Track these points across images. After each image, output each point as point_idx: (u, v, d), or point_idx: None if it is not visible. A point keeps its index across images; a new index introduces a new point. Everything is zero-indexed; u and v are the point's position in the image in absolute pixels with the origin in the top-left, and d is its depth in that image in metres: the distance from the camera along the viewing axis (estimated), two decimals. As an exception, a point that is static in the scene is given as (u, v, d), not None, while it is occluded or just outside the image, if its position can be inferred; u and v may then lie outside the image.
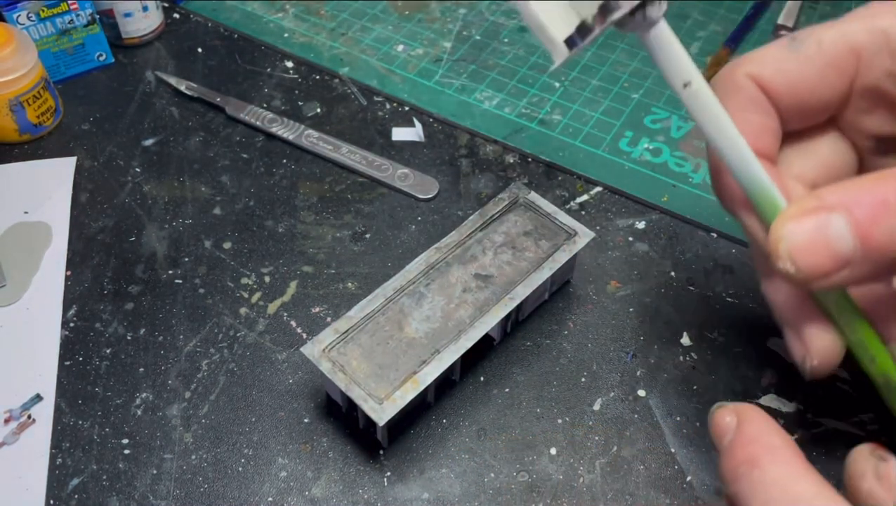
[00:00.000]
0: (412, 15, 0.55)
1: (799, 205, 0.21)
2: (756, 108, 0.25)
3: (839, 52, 0.24)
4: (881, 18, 0.24)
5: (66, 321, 0.38)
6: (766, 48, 0.25)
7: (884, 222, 0.20)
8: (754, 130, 0.25)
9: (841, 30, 0.24)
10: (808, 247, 0.20)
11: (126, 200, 0.44)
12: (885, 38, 0.23)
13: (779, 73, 0.24)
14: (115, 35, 0.51)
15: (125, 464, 0.33)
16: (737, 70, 0.25)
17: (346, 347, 0.33)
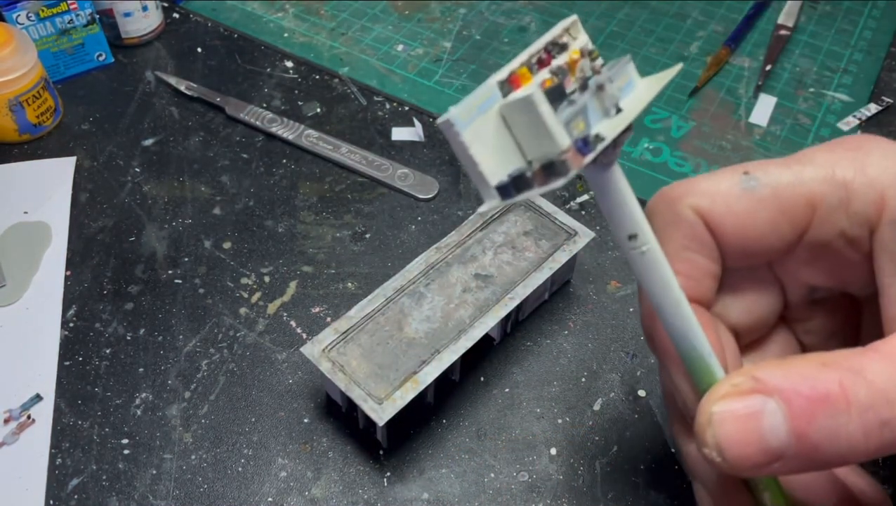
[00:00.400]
0: (412, 15, 0.55)
1: (734, 384, 0.19)
2: (700, 247, 0.23)
3: (795, 202, 0.22)
4: (842, 167, 0.21)
5: (65, 321, 0.38)
6: (716, 178, 0.23)
7: (822, 422, 0.18)
8: (696, 274, 0.23)
9: (799, 175, 0.22)
10: (738, 438, 0.18)
11: (126, 200, 0.44)
12: (845, 193, 0.21)
13: (729, 212, 0.22)
14: (114, 35, 0.51)
15: (125, 464, 0.33)
16: (682, 200, 0.23)
17: (345, 347, 0.33)
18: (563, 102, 0.18)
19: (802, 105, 0.49)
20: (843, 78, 0.50)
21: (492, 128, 0.17)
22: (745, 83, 0.50)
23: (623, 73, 0.19)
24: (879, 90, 0.50)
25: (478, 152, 0.17)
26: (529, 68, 0.18)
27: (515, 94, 0.18)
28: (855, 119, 0.48)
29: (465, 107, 0.17)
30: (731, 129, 0.47)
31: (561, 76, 0.18)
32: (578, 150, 0.17)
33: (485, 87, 0.17)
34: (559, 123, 0.17)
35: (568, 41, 0.19)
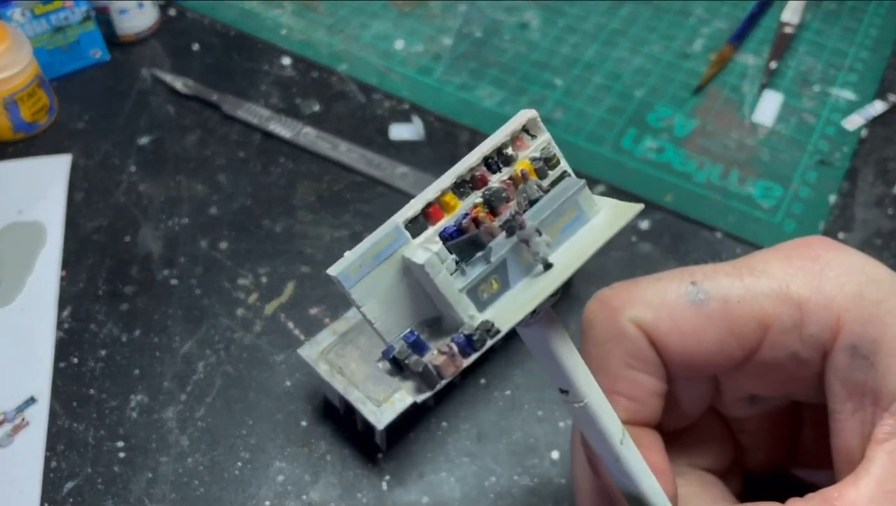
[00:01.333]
0: (412, 11, 0.55)
1: None
2: (644, 365, 0.21)
3: (746, 321, 0.20)
4: (798, 283, 0.20)
5: (60, 322, 0.37)
6: (661, 286, 0.21)
7: None
8: (640, 395, 0.21)
9: (752, 289, 0.20)
10: None
11: (121, 200, 0.43)
12: (800, 314, 0.19)
13: (674, 329, 0.20)
14: (110, 32, 0.51)
15: (120, 467, 0.32)
16: (624, 312, 0.21)
17: (344, 348, 0.32)
18: (475, 255, 0.15)
19: (807, 103, 0.48)
20: (849, 76, 0.50)
21: (389, 280, 0.15)
22: (750, 81, 0.50)
23: (569, 208, 0.16)
24: (885, 88, 0.49)
25: (370, 310, 0.15)
26: (459, 190, 0.15)
27: (414, 251, 0.15)
28: (860, 118, 0.47)
29: (360, 257, 0.15)
30: (735, 127, 0.47)
31: (497, 201, 0.15)
32: (460, 348, 0.15)
33: (385, 230, 0.15)
34: (459, 294, 0.15)
35: (519, 144, 0.16)
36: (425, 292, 0.16)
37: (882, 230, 0.42)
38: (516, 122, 0.16)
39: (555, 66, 0.51)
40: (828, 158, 0.45)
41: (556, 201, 0.16)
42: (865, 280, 0.19)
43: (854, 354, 0.19)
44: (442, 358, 0.15)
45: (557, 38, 0.53)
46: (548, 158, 0.16)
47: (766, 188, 0.43)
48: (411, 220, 0.15)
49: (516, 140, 0.16)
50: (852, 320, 0.19)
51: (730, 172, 0.44)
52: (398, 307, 0.16)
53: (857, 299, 0.19)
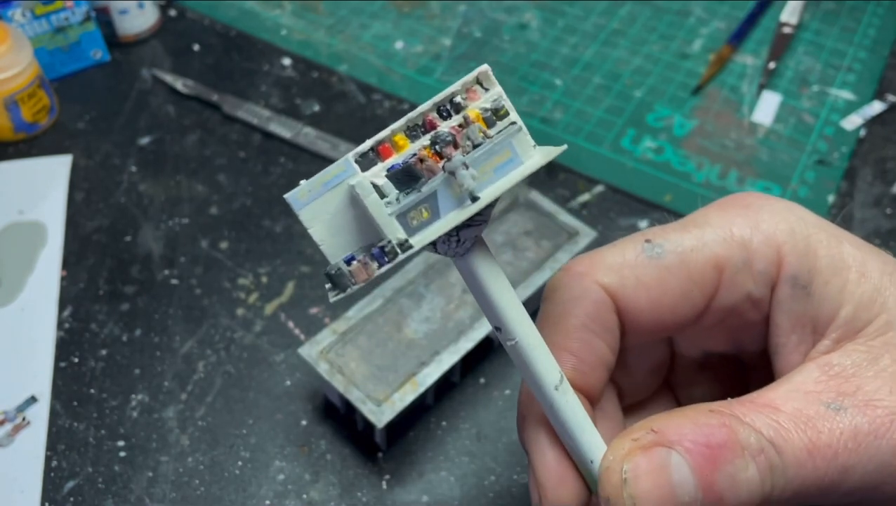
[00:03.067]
0: (411, 12, 0.55)
1: (635, 439, 0.18)
2: (601, 330, 0.21)
3: (703, 266, 0.21)
4: (738, 226, 0.21)
5: (61, 322, 0.37)
6: (620, 249, 0.22)
7: (724, 469, 0.17)
8: (589, 359, 0.21)
9: (701, 238, 0.21)
10: (655, 494, 0.17)
11: (122, 200, 0.43)
12: (747, 254, 0.21)
13: (639, 285, 0.21)
14: (110, 32, 0.51)
15: (121, 466, 0.32)
16: (589, 276, 0.21)
17: (344, 348, 0.32)
18: (413, 187, 0.16)
19: (806, 103, 0.48)
20: (847, 76, 0.50)
21: (336, 206, 0.17)
22: (749, 81, 0.50)
23: (503, 149, 0.17)
24: (884, 88, 0.49)
25: (316, 232, 0.17)
26: (411, 133, 0.17)
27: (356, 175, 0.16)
28: (859, 118, 0.47)
29: (311, 183, 0.17)
30: (734, 127, 0.47)
31: (443, 144, 0.16)
32: (373, 258, 0.16)
33: (338, 162, 0.17)
34: (389, 217, 0.16)
35: (471, 96, 0.17)
36: (368, 221, 0.17)
37: (881, 230, 0.42)
38: (470, 75, 0.17)
39: (554, 67, 0.51)
40: (826, 157, 0.45)
41: (491, 143, 0.17)
42: (794, 218, 0.21)
43: (794, 284, 0.20)
44: (355, 265, 0.16)
45: (557, 38, 0.53)
46: (497, 108, 0.17)
47: (764, 188, 0.44)
48: (362, 155, 0.17)
49: (469, 92, 0.17)
50: (790, 253, 0.21)
51: (729, 172, 0.44)
52: (344, 232, 0.17)
53: (791, 235, 0.21)
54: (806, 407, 0.18)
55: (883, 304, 0.20)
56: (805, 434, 0.18)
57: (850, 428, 0.18)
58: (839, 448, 0.18)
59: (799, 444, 0.18)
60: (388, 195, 0.16)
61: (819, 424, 0.18)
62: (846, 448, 0.18)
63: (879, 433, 0.18)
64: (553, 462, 0.20)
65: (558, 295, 0.22)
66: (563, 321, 0.21)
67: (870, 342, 0.19)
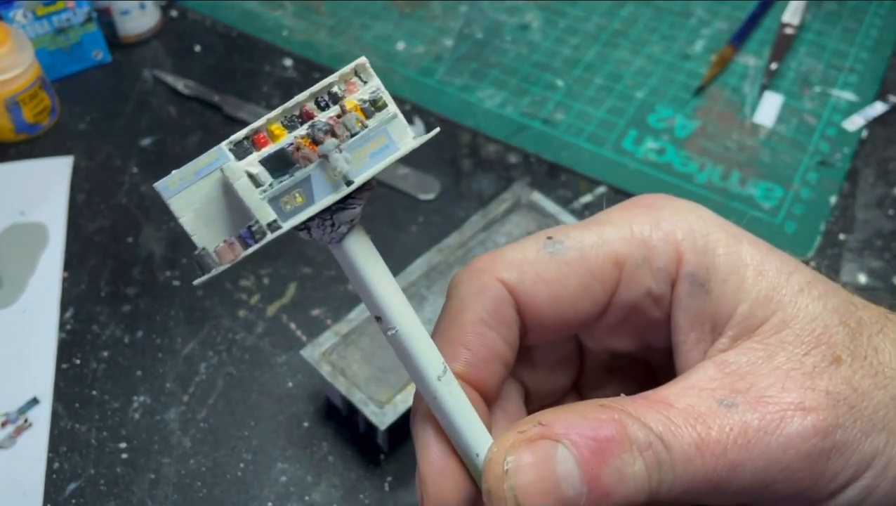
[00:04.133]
0: (413, 13, 0.55)
1: (521, 431, 0.18)
2: (498, 325, 0.21)
3: (602, 262, 0.21)
4: (638, 224, 0.21)
5: (62, 324, 0.37)
6: (521, 247, 0.22)
7: (611, 463, 0.17)
8: (484, 353, 0.21)
9: (601, 235, 0.21)
10: (536, 487, 0.17)
11: (123, 201, 0.43)
12: (646, 251, 0.21)
13: (539, 280, 0.21)
14: (112, 33, 0.51)
15: (123, 468, 0.32)
16: (488, 272, 0.21)
17: (346, 350, 0.32)
18: (286, 173, 0.16)
19: (808, 104, 0.48)
20: (849, 77, 0.50)
21: (208, 195, 0.17)
22: (751, 82, 0.50)
23: (378, 135, 0.17)
24: (885, 89, 0.49)
25: (188, 221, 0.17)
26: (288, 123, 0.17)
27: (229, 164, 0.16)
28: (861, 119, 0.47)
29: (182, 172, 0.16)
30: (736, 128, 0.47)
31: (319, 134, 0.17)
32: (241, 239, 0.16)
33: (211, 151, 0.16)
34: (260, 201, 0.16)
35: (350, 88, 0.17)
36: (241, 209, 0.17)
37: (883, 231, 0.42)
38: (348, 67, 0.17)
39: (556, 68, 0.51)
40: (828, 158, 0.45)
41: (366, 130, 0.17)
42: (694, 217, 0.21)
43: (692, 282, 0.21)
44: (222, 245, 0.16)
45: (558, 39, 0.53)
46: (375, 100, 0.17)
47: (767, 189, 0.44)
48: (237, 143, 0.17)
49: (348, 84, 0.17)
50: (688, 251, 0.21)
51: (731, 173, 0.44)
52: (216, 222, 0.17)
53: (690, 233, 0.21)
54: (698, 404, 0.18)
55: (779, 301, 0.20)
56: (695, 430, 0.18)
57: (740, 424, 0.18)
58: (728, 444, 0.18)
59: (688, 439, 0.18)
60: (263, 183, 0.16)
61: (710, 420, 0.18)
62: (735, 444, 0.18)
63: (769, 429, 0.18)
64: (436, 456, 0.20)
65: (458, 290, 0.22)
66: (461, 316, 0.21)
67: (766, 340, 0.19)
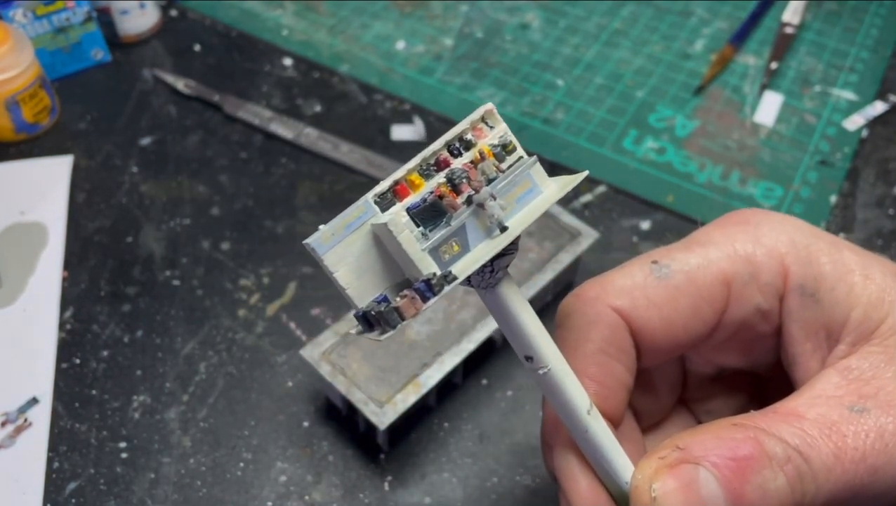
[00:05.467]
0: (413, 12, 0.55)
1: (661, 457, 0.18)
2: (618, 352, 0.21)
3: (711, 283, 0.21)
4: (741, 242, 0.21)
5: (62, 323, 0.37)
6: (628, 272, 0.22)
7: (753, 480, 0.17)
8: (609, 382, 0.21)
9: (705, 256, 0.21)
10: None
11: (123, 200, 0.43)
12: (752, 268, 0.21)
13: (650, 306, 0.21)
14: (112, 33, 0.51)
15: (123, 468, 0.32)
16: (601, 301, 0.22)
17: (346, 349, 0.32)
18: (438, 223, 0.16)
19: (808, 104, 0.48)
20: (850, 76, 0.50)
21: (360, 248, 0.17)
22: (751, 81, 0.50)
23: (523, 180, 0.17)
24: (886, 88, 0.49)
25: (342, 276, 0.17)
26: (424, 172, 0.17)
27: (379, 215, 0.17)
28: (861, 118, 0.47)
29: (332, 227, 0.17)
30: (736, 127, 0.47)
31: (458, 180, 0.17)
32: (420, 293, 0.16)
33: (357, 204, 0.17)
34: (422, 253, 0.16)
35: (478, 134, 0.18)
36: (393, 259, 0.17)
37: (883, 230, 0.42)
38: (475, 114, 0.18)
39: (556, 67, 0.51)
40: (829, 158, 0.45)
41: (511, 174, 0.17)
42: (793, 230, 0.22)
43: (802, 293, 0.21)
44: (403, 301, 0.16)
45: (559, 38, 0.53)
46: (504, 144, 0.18)
47: (767, 189, 0.44)
48: (380, 196, 0.17)
49: (476, 129, 0.18)
50: (794, 263, 0.21)
51: (731, 172, 0.44)
52: (369, 274, 0.17)
53: (792, 246, 0.21)
54: (829, 412, 0.18)
55: (891, 303, 0.20)
56: (830, 439, 0.18)
57: (875, 429, 0.18)
58: (866, 450, 0.18)
59: (825, 449, 0.18)
60: (417, 235, 0.16)
61: (844, 427, 0.18)
62: (873, 449, 0.18)
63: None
64: (586, 489, 0.20)
65: (572, 320, 0.22)
66: (581, 347, 0.21)
67: (885, 342, 0.19)
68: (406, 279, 0.17)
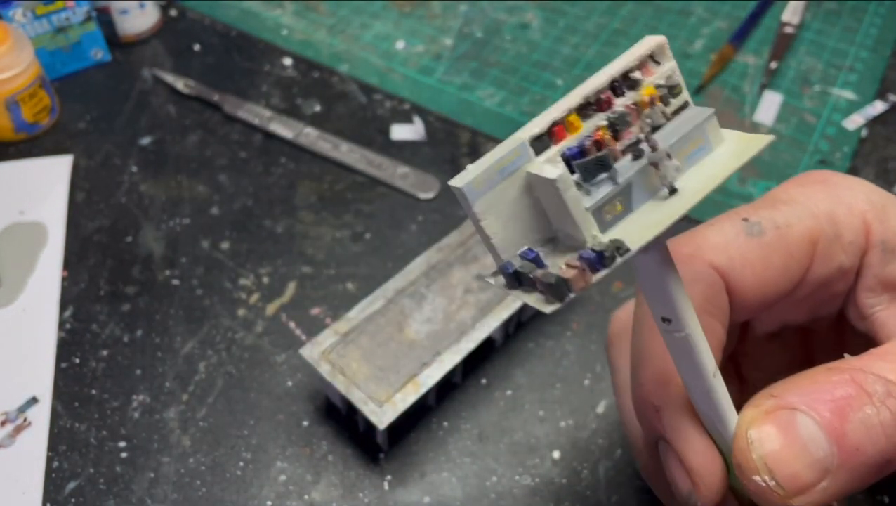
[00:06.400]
0: (412, 12, 0.55)
1: (756, 405, 0.18)
2: (717, 311, 0.21)
3: (799, 241, 0.21)
4: (822, 201, 0.22)
5: (62, 323, 0.37)
6: (721, 228, 0.22)
7: (854, 417, 0.17)
8: (713, 342, 0.21)
9: (792, 214, 0.22)
10: (784, 453, 0.18)
11: (123, 200, 0.43)
12: (836, 227, 0.22)
13: (746, 264, 0.21)
14: (111, 32, 0.51)
15: (122, 467, 0.32)
16: (699, 259, 0.21)
17: (345, 349, 0.32)
18: (601, 176, 0.15)
19: (808, 103, 0.48)
20: (849, 76, 0.50)
21: (512, 195, 0.15)
22: (750, 81, 0.50)
23: (696, 135, 0.15)
24: (885, 88, 0.49)
25: (489, 225, 0.15)
26: (583, 111, 0.15)
27: (542, 167, 0.15)
28: (861, 118, 0.47)
29: (486, 170, 0.15)
30: (736, 127, 0.47)
31: (621, 126, 0.15)
32: (590, 264, 0.14)
33: (510, 146, 0.15)
34: (585, 213, 0.14)
35: (645, 71, 0.16)
36: (543, 211, 0.15)
37: (883, 230, 0.42)
38: (644, 47, 0.16)
39: (556, 67, 0.51)
40: (828, 157, 0.45)
41: (684, 128, 0.15)
42: (868, 189, 0.22)
43: (884, 249, 0.21)
44: (572, 272, 0.14)
45: (558, 38, 0.53)
46: (672, 86, 0.16)
47: (766, 188, 0.43)
48: (536, 137, 0.15)
49: (642, 66, 0.16)
50: (874, 221, 0.22)
51: (730, 171, 0.44)
52: (515, 225, 0.15)
53: (870, 204, 0.22)
54: None
55: None
56: None
57: None
58: None
59: None
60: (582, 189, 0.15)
61: None
62: None
63: None
64: (703, 447, 0.20)
65: None
66: None
67: None
68: (552, 237, 0.15)
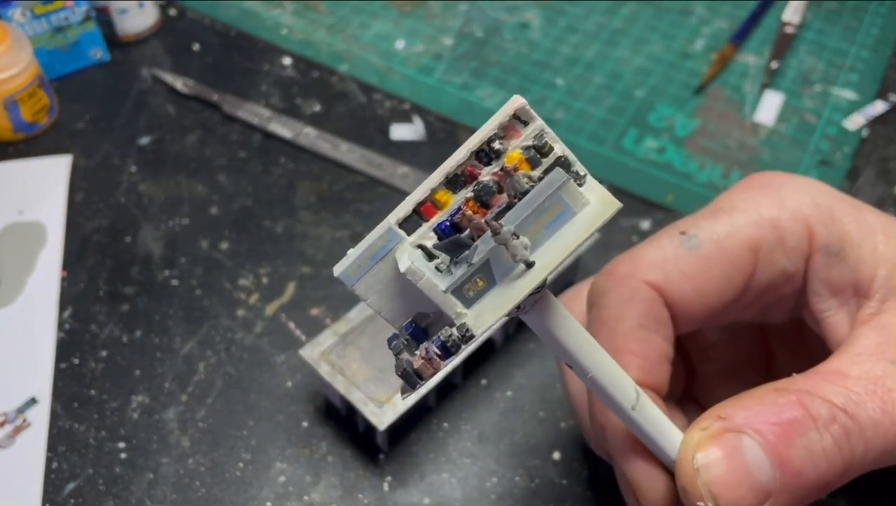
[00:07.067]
0: (412, 11, 0.55)
1: (703, 428, 0.18)
2: (656, 326, 0.22)
3: (739, 250, 0.22)
4: (765, 207, 0.22)
5: (61, 323, 0.37)
6: (658, 245, 0.22)
7: (798, 443, 0.17)
8: (652, 356, 0.22)
9: (732, 223, 0.22)
10: (727, 479, 0.18)
11: (122, 200, 0.43)
12: (778, 233, 0.22)
13: (683, 278, 0.22)
14: (110, 32, 0.51)
15: (121, 468, 0.32)
16: (634, 276, 0.22)
17: (345, 349, 0.32)
18: (462, 254, 0.15)
19: (808, 103, 0.48)
20: (850, 75, 0.50)
21: (388, 274, 0.16)
22: (751, 81, 0.50)
23: (552, 205, 0.15)
24: (886, 87, 0.49)
25: (374, 302, 0.16)
26: (452, 184, 0.16)
27: (401, 255, 0.15)
28: (861, 117, 0.47)
29: (358, 258, 0.16)
30: (736, 127, 0.47)
31: (487, 196, 0.15)
32: (437, 354, 0.16)
33: (379, 232, 0.16)
34: (444, 294, 0.15)
35: (513, 134, 0.16)
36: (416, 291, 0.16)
37: (883, 230, 0.42)
38: (504, 112, 0.16)
39: (556, 66, 0.51)
40: (829, 157, 0.45)
41: (538, 199, 0.15)
42: (815, 192, 0.22)
43: (828, 253, 0.21)
44: (420, 362, 0.16)
45: (558, 37, 0.53)
46: (538, 146, 0.16)
47: (767, 188, 0.43)
48: (404, 219, 0.16)
49: (509, 129, 0.16)
50: (818, 225, 0.21)
51: (731, 172, 0.44)
52: (400, 297, 0.16)
53: (815, 208, 0.22)
54: (872, 368, 0.18)
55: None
56: (876, 395, 0.18)
57: None
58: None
59: (872, 405, 0.18)
60: (440, 257, 0.15)
61: (889, 381, 0.18)
62: None
63: None
64: (642, 467, 0.21)
65: (607, 299, 0.22)
66: (620, 325, 0.22)
67: None
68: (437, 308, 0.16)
